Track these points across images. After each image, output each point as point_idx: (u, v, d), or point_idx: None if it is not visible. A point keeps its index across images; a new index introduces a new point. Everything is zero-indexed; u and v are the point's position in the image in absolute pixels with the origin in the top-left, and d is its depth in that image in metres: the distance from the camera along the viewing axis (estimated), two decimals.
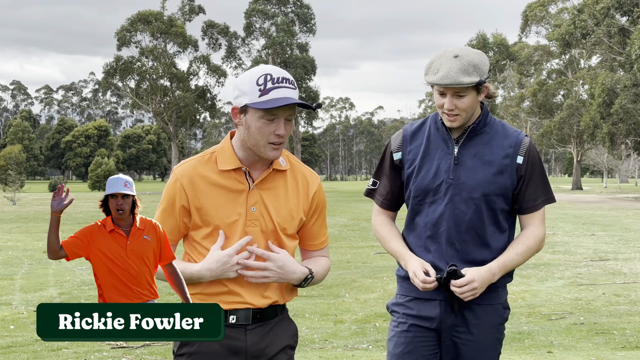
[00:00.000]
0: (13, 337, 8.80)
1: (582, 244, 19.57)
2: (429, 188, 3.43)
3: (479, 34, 79.60)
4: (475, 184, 3.38)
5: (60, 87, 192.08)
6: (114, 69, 76.39)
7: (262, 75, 3.00)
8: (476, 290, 3.30)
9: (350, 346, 8.32)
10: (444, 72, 3.28)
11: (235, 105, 3.07)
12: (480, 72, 3.31)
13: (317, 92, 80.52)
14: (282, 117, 3.02)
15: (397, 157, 3.54)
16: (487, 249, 3.41)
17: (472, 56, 3.32)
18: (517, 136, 3.46)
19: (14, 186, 48.93)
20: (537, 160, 3.46)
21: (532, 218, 3.47)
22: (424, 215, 3.46)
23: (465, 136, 3.43)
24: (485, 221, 3.40)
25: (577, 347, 8.24)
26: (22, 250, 18.73)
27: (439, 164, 3.42)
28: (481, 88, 3.36)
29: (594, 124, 61.55)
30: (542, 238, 3.47)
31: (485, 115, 3.46)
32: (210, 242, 3.17)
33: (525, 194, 3.43)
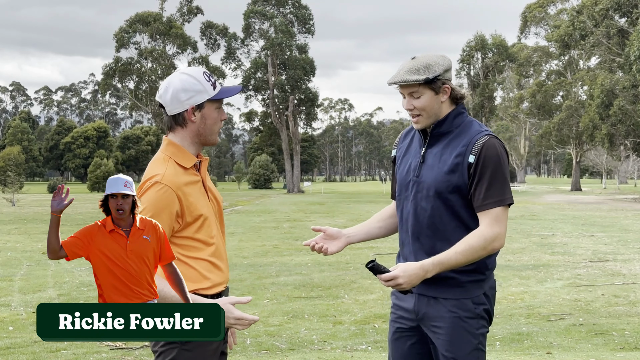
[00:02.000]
0: (12, 338, 8.79)
1: (581, 245, 19.57)
2: (402, 185, 3.70)
3: (477, 35, 79.65)
4: (431, 182, 3.55)
5: (60, 88, 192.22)
6: (113, 70, 76.42)
7: (203, 73, 3.45)
8: (401, 285, 3.41)
9: (350, 347, 8.32)
10: (395, 72, 3.51)
11: (191, 105, 3.42)
12: (430, 72, 3.46)
13: (316, 93, 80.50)
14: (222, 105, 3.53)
15: (393, 154, 3.86)
16: (450, 243, 3.50)
17: (428, 58, 3.50)
18: (474, 136, 3.54)
19: (13, 187, 48.94)
20: (491, 160, 3.48)
21: (484, 217, 3.49)
22: (400, 211, 3.73)
23: (429, 136, 3.61)
24: (444, 217, 3.54)
25: (576, 348, 8.25)
26: (21, 251, 18.73)
27: (411, 162, 3.67)
28: (438, 88, 3.50)
29: (593, 125, 61.57)
30: (490, 238, 3.46)
31: (454, 116, 3.59)
32: (202, 233, 3.43)
33: (475, 193, 3.49)
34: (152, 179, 3.39)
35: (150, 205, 3.34)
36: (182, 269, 3.38)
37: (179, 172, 3.43)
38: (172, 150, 3.49)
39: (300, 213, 36.57)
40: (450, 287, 3.55)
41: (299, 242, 21.08)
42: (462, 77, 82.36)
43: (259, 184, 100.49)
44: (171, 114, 3.47)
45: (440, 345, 3.57)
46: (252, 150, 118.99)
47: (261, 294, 12.03)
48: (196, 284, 3.41)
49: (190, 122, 3.45)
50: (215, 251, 3.51)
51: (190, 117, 3.45)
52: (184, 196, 3.39)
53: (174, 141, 3.51)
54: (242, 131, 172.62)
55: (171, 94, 3.42)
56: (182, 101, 3.42)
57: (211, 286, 3.46)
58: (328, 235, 3.81)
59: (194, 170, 3.51)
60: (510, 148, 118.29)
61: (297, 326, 9.46)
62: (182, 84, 3.41)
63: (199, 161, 3.54)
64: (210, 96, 3.44)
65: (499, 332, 8.99)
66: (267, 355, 8.00)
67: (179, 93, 3.41)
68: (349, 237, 3.85)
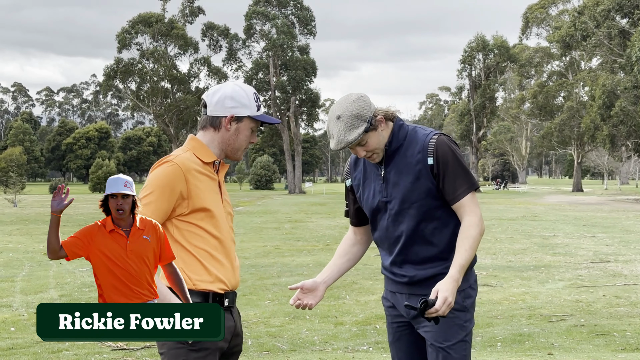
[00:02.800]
0: (13, 339, 8.80)
1: (582, 246, 19.57)
2: (372, 207, 3.87)
3: (478, 35, 79.60)
4: (402, 196, 3.75)
5: (61, 89, 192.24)
6: (115, 71, 76.40)
7: (254, 93, 3.61)
8: (450, 304, 3.54)
9: (351, 348, 8.32)
10: (335, 139, 3.68)
11: (232, 114, 3.55)
12: (364, 119, 3.65)
13: (317, 94, 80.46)
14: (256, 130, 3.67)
15: (349, 184, 4.02)
16: (432, 245, 3.76)
17: (352, 109, 3.65)
18: (425, 140, 3.74)
19: (14, 188, 48.95)
20: (448, 155, 3.70)
21: (462, 207, 3.71)
22: (377, 230, 3.91)
23: (385, 158, 3.79)
24: (422, 224, 3.75)
25: (578, 348, 8.25)
26: (22, 252, 18.74)
27: (374, 186, 3.85)
28: (376, 126, 3.70)
29: (595, 126, 61.54)
30: (478, 223, 3.69)
31: (397, 131, 3.78)
32: (207, 224, 3.49)
33: (446, 188, 3.70)
34: (163, 160, 3.48)
35: (155, 179, 3.39)
36: (185, 257, 3.39)
37: (195, 161, 3.51)
38: (193, 144, 3.59)
39: (301, 214, 36.57)
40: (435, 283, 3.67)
41: (300, 243, 21.09)
42: (463, 78, 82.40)
43: (260, 184, 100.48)
44: (211, 114, 3.57)
45: (430, 336, 3.72)
46: (254, 151, 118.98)
47: (262, 294, 12.03)
48: (196, 275, 3.41)
49: (224, 129, 3.57)
50: (221, 247, 3.52)
51: (226, 124, 3.57)
52: (192, 179, 3.44)
53: (200, 139, 3.60)
54: None
55: (219, 97, 3.56)
56: (226, 107, 3.55)
57: (213, 280, 3.45)
58: (306, 289, 3.96)
59: (211, 168, 3.58)
60: (511, 149, 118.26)
61: (299, 327, 9.46)
62: (232, 92, 3.56)
63: (218, 161, 3.61)
64: (252, 114, 3.58)
65: (500, 333, 8.99)
66: (269, 355, 8.00)
67: (227, 99, 3.55)
68: (325, 283, 4.00)
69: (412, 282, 3.79)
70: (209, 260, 3.46)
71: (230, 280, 3.55)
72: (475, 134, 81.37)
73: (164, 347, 3.42)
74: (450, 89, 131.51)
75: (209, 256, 3.47)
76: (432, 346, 3.71)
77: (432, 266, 3.75)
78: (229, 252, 3.58)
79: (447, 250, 3.75)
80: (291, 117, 78.12)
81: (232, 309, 3.56)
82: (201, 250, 3.45)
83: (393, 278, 3.89)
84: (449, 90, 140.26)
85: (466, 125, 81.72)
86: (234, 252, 3.64)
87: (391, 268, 3.87)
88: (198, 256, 3.44)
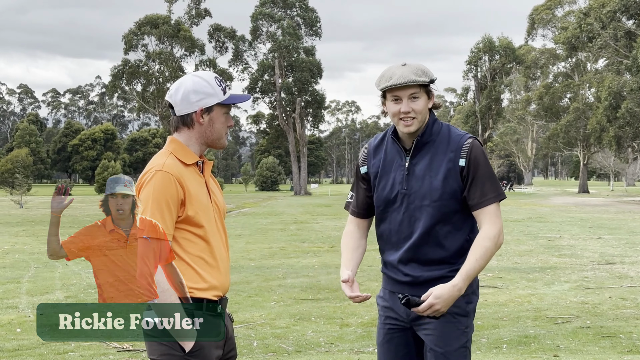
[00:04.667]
0: (19, 340, 8.80)
1: (588, 248, 19.52)
2: (387, 199, 3.76)
3: (485, 37, 79.52)
4: (425, 192, 3.65)
5: (67, 90, 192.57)
6: (122, 72, 76.52)
7: (215, 78, 3.53)
8: (439, 310, 3.48)
9: (356, 349, 8.31)
10: (399, 75, 3.58)
11: (200, 107, 3.48)
12: (428, 75, 3.63)
13: (323, 96, 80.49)
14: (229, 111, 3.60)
15: (364, 171, 3.88)
16: (442, 248, 3.67)
17: (418, 64, 3.65)
18: (459, 140, 3.68)
19: (21, 189, 49.03)
20: (480, 161, 3.64)
21: (484, 214, 3.63)
22: (387, 223, 3.79)
23: (413, 147, 3.70)
24: (438, 224, 3.66)
25: (584, 350, 8.22)
26: (28, 253, 18.76)
27: (394, 176, 3.74)
28: (430, 93, 3.67)
29: (601, 127, 61.42)
30: (496, 236, 3.60)
31: (432, 124, 3.71)
32: (199, 229, 3.42)
33: (472, 193, 3.63)
34: (152, 170, 3.39)
35: (156, 193, 3.31)
36: (178, 265, 3.35)
37: (179, 165, 3.44)
38: (174, 147, 3.52)
39: (307, 215, 36.56)
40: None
41: (306, 245, 21.08)
42: (469, 80, 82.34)
43: (265, 186, 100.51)
44: (180, 114, 3.51)
45: (430, 341, 3.67)
46: (259, 153, 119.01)
47: (268, 296, 12.02)
48: (191, 282, 3.37)
49: (197, 124, 3.50)
50: (214, 251, 3.48)
51: (198, 119, 3.49)
52: (185, 185, 3.39)
53: (178, 140, 3.54)
54: (249, 133, 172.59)
55: (182, 95, 3.47)
56: (192, 102, 3.47)
57: (208, 288, 3.42)
58: (351, 281, 3.85)
59: (196, 169, 3.52)
60: (517, 150, 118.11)
61: (304, 328, 9.45)
62: (193, 85, 3.48)
63: (201, 162, 3.55)
64: (220, 100, 3.50)
65: (506, 335, 8.97)
66: (274, 357, 7.99)
67: (190, 94, 3.47)
68: (354, 272, 3.90)
69: (416, 282, 3.71)
70: (202, 266, 3.42)
71: (223, 285, 3.52)
72: (481, 135, 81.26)
73: (155, 353, 3.36)
74: (456, 90, 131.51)
75: (203, 262, 3.43)
76: (431, 351, 3.66)
77: (438, 268, 3.68)
78: (222, 255, 3.54)
79: (456, 255, 3.68)
80: (297, 119, 78.15)
81: (223, 315, 3.53)
82: (195, 256, 3.41)
83: (394, 277, 3.80)
84: (454, 92, 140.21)
85: (472, 126, 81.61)
86: (226, 254, 3.60)
87: (397, 265, 3.76)
88: (192, 263, 3.40)
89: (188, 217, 3.38)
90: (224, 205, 3.69)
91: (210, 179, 3.62)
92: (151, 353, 3.39)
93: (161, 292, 3.22)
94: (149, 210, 3.30)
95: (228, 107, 3.56)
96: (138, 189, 3.38)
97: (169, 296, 3.23)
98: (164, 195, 3.32)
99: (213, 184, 3.64)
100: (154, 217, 3.29)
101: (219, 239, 3.53)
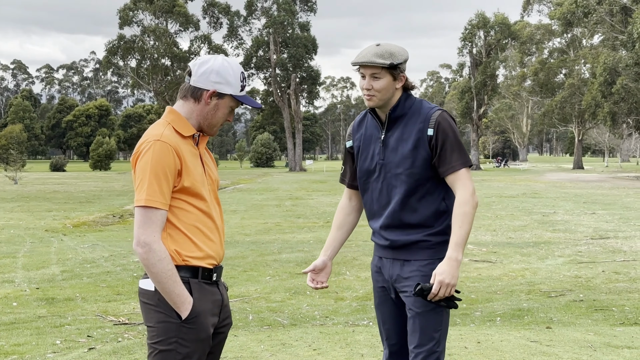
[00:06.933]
0: (16, 314, 8.85)
1: (582, 223, 19.62)
2: (368, 169, 4.03)
3: (478, 13, 79.26)
4: (398, 161, 3.90)
5: (61, 66, 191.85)
6: (117, 47, 76.12)
7: (241, 73, 3.56)
8: (449, 283, 3.69)
9: (351, 322, 8.38)
10: (362, 55, 3.86)
11: (215, 89, 3.50)
12: (394, 59, 3.82)
13: (318, 72, 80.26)
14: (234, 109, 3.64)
15: (349, 145, 4.17)
16: (417, 213, 3.90)
17: (392, 47, 3.87)
18: (428, 112, 3.90)
19: (15, 165, 48.96)
20: (448, 130, 3.85)
21: (456, 180, 3.83)
22: (369, 193, 4.06)
23: (387, 121, 3.96)
24: (412, 191, 3.88)
25: (576, 323, 8.29)
26: (24, 228, 18.79)
27: (373, 148, 4.01)
28: (396, 74, 3.86)
29: (596, 103, 61.45)
30: (470, 198, 3.80)
31: (404, 100, 3.94)
32: (195, 199, 3.45)
33: (441, 159, 3.84)
34: (149, 140, 3.38)
35: (153, 162, 3.31)
36: (174, 234, 3.39)
37: (177, 136, 3.45)
38: (172, 118, 3.52)
39: (302, 191, 36.61)
40: (421, 249, 3.89)
41: (301, 220, 21.14)
42: (464, 55, 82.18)
43: (261, 162, 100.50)
44: (194, 84, 3.51)
45: (408, 301, 3.88)
46: (254, 129, 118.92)
47: (263, 270, 12.09)
48: (187, 251, 3.40)
49: (204, 102, 3.51)
50: (209, 221, 3.50)
51: (207, 98, 3.50)
52: (182, 155, 3.40)
53: (178, 111, 3.55)
54: (244, 109, 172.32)
55: (205, 69, 3.48)
56: (210, 80, 3.48)
57: (203, 257, 3.45)
58: (318, 269, 4.21)
59: (191, 141, 3.53)
60: (512, 126, 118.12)
61: (299, 302, 9.51)
62: (220, 67, 3.49)
63: (198, 134, 3.56)
64: (234, 93, 3.53)
65: (499, 308, 9.05)
66: (270, 330, 8.06)
67: (212, 73, 3.48)
68: (330, 258, 4.23)
69: (394, 246, 3.94)
70: (198, 235, 3.45)
71: (218, 254, 3.55)
72: (476, 111, 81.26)
73: (151, 321, 3.38)
74: (451, 66, 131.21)
75: (199, 232, 3.45)
76: (410, 311, 3.87)
77: (414, 232, 3.89)
78: (217, 225, 3.57)
79: (430, 218, 3.89)
80: (292, 95, 78.00)
81: (219, 283, 3.56)
82: (190, 226, 3.43)
83: (378, 242, 4.05)
84: (450, 68, 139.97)
85: (467, 102, 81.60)
86: (221, 225, 3.64)
87: (380, 231, 4.01)
88: (187, 232, 3.42)
89: (184, 188, 3.40)
90: (217, 177, 3.72)
91: (204, 152, 3.64)
92: (147, 320, 3.41)
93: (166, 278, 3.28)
94: (146, 179, 3.31)
95: (237, 103, 3.59)
96: (135, 158, 3.39)
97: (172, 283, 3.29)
98: (162, 164, 3.32)
99: (207, 157, 3.66)
100: (152, 186, 3.30)
101: (213, 210, 3.56)
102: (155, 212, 3.30)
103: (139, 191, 3.32)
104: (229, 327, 3.67)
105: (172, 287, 3.29)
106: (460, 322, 8.32)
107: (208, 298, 3.44)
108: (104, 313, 8.82)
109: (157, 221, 3.30)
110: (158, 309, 3.35)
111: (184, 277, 3.37)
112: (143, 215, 3.29)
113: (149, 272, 3.29)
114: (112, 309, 9.06)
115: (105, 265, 12.66)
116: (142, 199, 3.29)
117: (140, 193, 3.30)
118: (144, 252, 3.26)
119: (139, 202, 3.30)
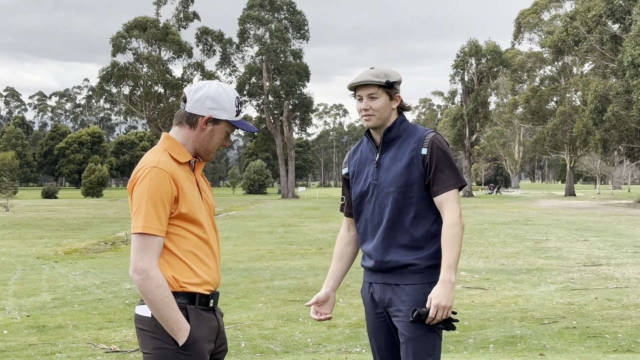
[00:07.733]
0: (6, 342, 8.79)
1: (574, 250, 19.63)
2: (362, 191, 4.08)
3: (470, 40, 79.75)
4: (391, 180, 3.96)
5: (54, 93, 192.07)
6: (110, 74, 76.26)
7: (236, 98, 3.57)
8: (445, 306, 3.77)
9: (344, 350, 8.34)
10: (359, 76, 4.00)
11: (210, 115, 3.50)
12: (389, 78, 3.94)
13: (310, 99, 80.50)
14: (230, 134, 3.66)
15: (345, 172, 4.25)
16: (409, 234, 3.93)
17: (386, 68, 4.01)
18: (422, 133, 4.00)
19: (7, 192, 48.84)
20: (441, 151, 3.93)
21: (444, 201, 3.89)
22: (363, 214, 4.09)
23: (381, 143, 4.04)
24: (403, 210, 3.93)
25: (570, 350, 8.28)
26: (15, 256, 18.70)
27: (367, 170, 4.08)
28: (392, 94, 3.98)
29: (587, 131, 61.72)
30: (457, 219, 3.87)
31: (399, 122, 4.04)
32: (192, 225, 3.45)
33: (434, 179, 3.90)
34: (146, 167, 3.38)
35: (150, 190, 3.31)
36: (171, 260, 3.38)
37: (173, 163, 3.45)
38: (168, 144, 3.51)
39: (294, 218, 36.58)
40: (411, 273, 3.91)
41: (293, 247, 21.11)
42: (456, 83, 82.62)
43: (253, 189, 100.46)
44: (189, 110, 3.51)
45: (400, 326, 3.90)
46: (247, 156, 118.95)
47: (256, 297, 12.04)
48: (184, 277, 3.39)
49: (199, 128, 3.51)
50: (206, 247, 3.50)
51: (202, 124, 3.50)
52: (179, 182, 3.39)
53: (174, 137, 3.55)
54: (237, 136, 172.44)
55: (200, 95, 3.49)
56: (205, 107, 3.49)
57: (200, 283, 3.44)
58: (321, 302, 4.25)
59: (187, 168, 3.52)
60: (504, 153, 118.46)
61: (292, 329, 9.47)
62: (215, 93, 3.50)
63: (194, 160, 3.56)
64: (230, 119, 3.54)
65: (492, 335, 9.03)
66: (262, 357, 8.02)
67: (207, 99, 3.49)
68: (333, 290, 4.29)
69: (384, 269, 3.96)
70: (195, 262, 3.45)
71: (215, 280, 3.56)
72: (468, 138, 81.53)
73: (148, 347, 3.37)
74: (443, 93, 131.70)
75: (196, 258, 3.45)
76: (402, 336, 3.89)
77: (405, 254, 3.92)
78: (214, 251, 3.58)
79: (420, 240, 3.92)
80: (284, 122, 78.13)
81: (215, 309, 3.56)
82: (187, 252, 3.43)
83: (366, 265, 4.09)
84: (442, 95, 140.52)
85: (459, 129, 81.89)
86: (218, 251, 3.64)
87: (370, 252, 4.03)
88: (184, 258, 3.41)
89: (181, 214, 3.40)
90: (214, 203, 3.72)
91: (200, 178, 3.64)
92: (144, 347, 3.40)
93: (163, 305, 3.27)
94: (143, 206, 3.31)
95: (233, 128, 3.60)
96: (132, 184, 3.39)
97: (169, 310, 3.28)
98: (159, 191, 3.33)
99: (203, 183, 3.66)
100: (149, 213, 3.30)
101: (210, 235, 3.56)
102: (152, 239, 3.29)
103: (136, 218, 3.32)
104: (225, 354, 3.65)
105: (170, 314, 3.28)
106: (453, 349, 8.30)
107: (205, 324, 3.42)
108: (96, 341, 8.77)
109: (154, 248, 3.30)
110: (155, 335, 3.33)
111: (181, 303, 3.35)
112: (140, 242, 3.29)
113: (146, 299, 3.28)
114: (103, 337, 9.01)
115: (97, 292, 12.60)
116: (139, 226, 3.29)
117: (138, 220, 3.30)
118: (141, 278, 3.25)
119: (136, 229, 3.30)
